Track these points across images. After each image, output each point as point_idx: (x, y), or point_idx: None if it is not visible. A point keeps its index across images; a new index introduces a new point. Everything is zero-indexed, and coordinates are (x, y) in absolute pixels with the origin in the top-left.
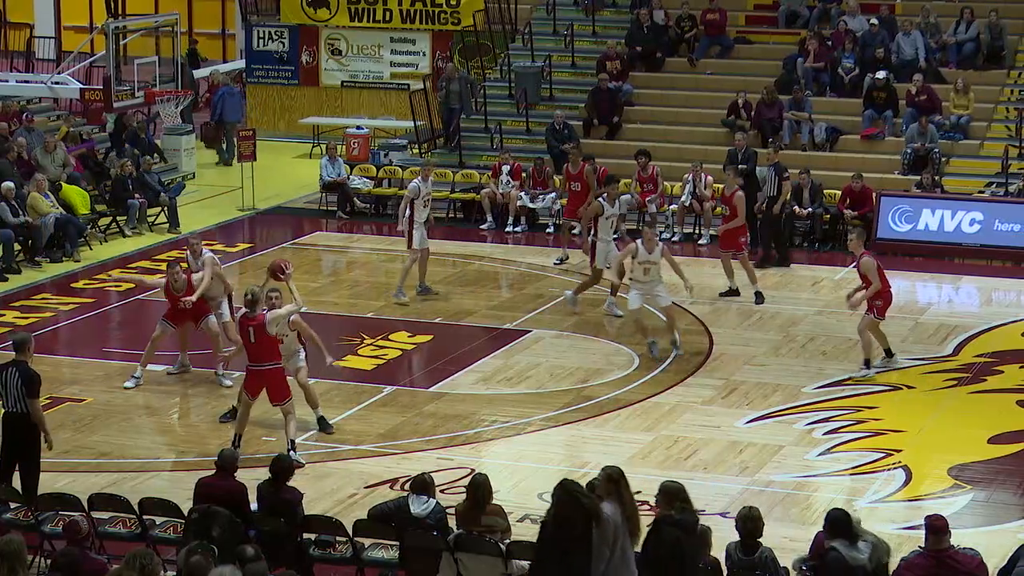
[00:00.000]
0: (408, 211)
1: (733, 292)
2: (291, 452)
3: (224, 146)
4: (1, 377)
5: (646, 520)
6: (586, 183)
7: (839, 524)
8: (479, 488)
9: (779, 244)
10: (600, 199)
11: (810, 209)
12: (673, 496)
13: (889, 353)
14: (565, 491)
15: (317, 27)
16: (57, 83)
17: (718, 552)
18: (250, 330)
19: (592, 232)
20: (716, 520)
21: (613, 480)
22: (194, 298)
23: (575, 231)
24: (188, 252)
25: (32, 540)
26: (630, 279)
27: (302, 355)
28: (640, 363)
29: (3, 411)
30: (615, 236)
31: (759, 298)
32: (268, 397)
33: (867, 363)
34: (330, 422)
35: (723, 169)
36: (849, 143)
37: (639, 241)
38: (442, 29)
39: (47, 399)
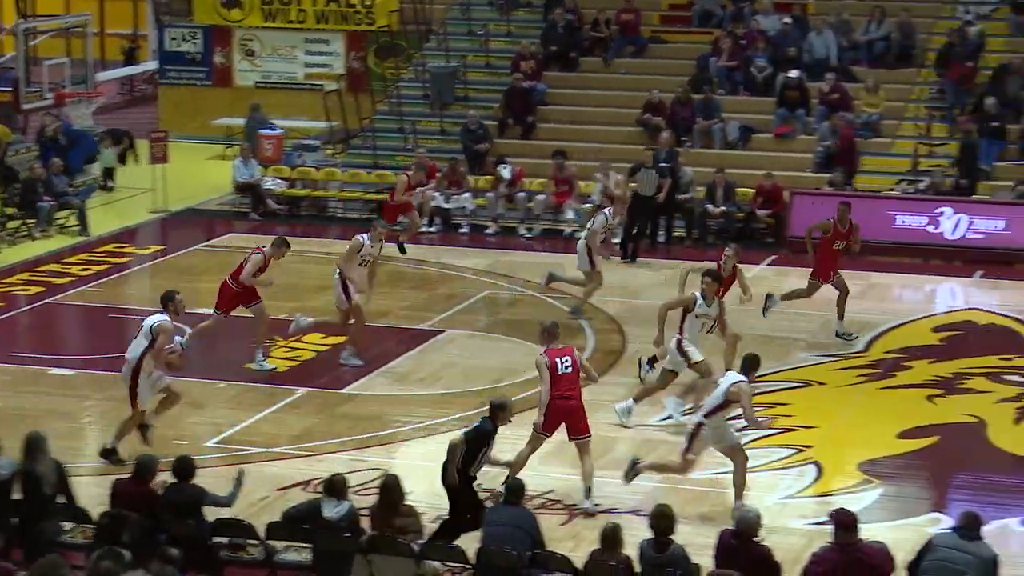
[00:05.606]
0: None
1: None
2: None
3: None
4: None
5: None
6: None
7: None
8: (391, 490)
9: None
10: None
11: (723, 208)
12: None
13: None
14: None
15: (230, 28)
16: None
17: (630, 549)
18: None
19: None
20: (629, 519)
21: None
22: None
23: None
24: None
25: None
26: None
27: None
28: None
29: None
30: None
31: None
32: (573, 430)
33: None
34: None
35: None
36: (762, 142)
37: (697, 292)
38: (356, 29)
39: None
